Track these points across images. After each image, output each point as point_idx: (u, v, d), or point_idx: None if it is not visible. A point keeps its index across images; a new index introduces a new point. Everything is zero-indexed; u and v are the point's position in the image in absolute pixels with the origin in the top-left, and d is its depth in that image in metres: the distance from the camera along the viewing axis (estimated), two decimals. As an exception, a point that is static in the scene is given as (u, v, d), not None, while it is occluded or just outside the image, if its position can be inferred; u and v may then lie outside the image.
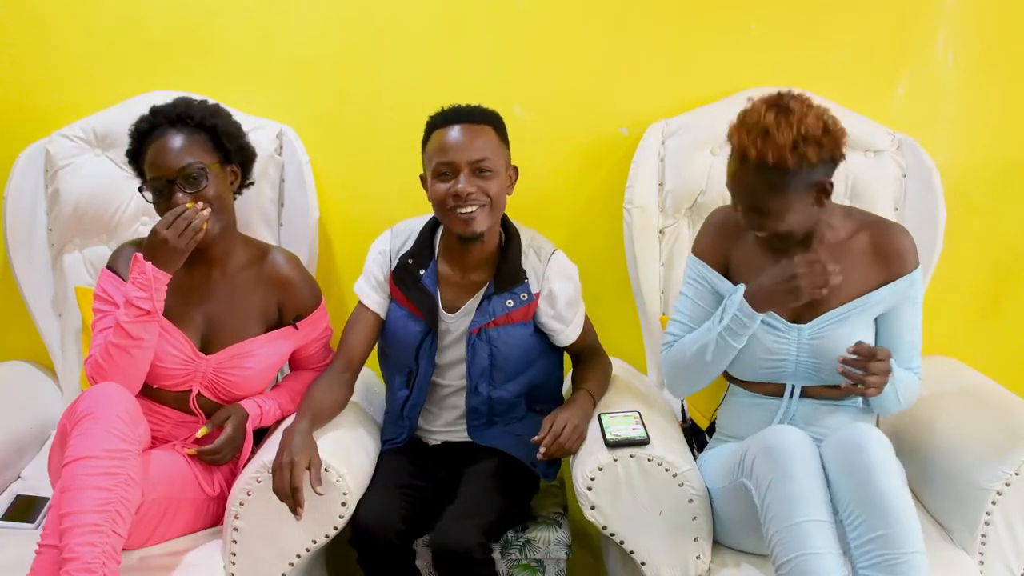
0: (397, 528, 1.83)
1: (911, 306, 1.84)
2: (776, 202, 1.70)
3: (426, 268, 1.99)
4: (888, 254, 1.82)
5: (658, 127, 2.28)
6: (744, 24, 2.30)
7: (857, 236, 1.84)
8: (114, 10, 2.33)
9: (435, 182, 1.92)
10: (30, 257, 2.32)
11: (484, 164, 1.90)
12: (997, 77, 2.31)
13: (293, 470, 1.72)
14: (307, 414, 1.85)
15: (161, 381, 1.92)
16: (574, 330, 2.05)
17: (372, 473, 1.95)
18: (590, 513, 1.79)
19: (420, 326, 1.99)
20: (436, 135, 1.93)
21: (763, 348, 1.84)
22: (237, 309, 1.97)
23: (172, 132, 1.90)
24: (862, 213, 1.91)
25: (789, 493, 1.60)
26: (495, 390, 2.01)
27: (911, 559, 1.54)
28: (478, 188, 1.89)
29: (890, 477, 1.60)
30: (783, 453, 1.64)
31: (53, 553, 1.60)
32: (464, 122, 1.92)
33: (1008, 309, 2.41)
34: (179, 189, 1.87)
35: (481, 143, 1.91)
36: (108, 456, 1.65)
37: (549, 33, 2.33)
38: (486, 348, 1.98)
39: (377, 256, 2.04)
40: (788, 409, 1.86)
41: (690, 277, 1.93)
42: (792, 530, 1.58)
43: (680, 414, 2.19)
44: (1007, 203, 2.35)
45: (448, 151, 1.90)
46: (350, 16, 2.33)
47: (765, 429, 1.73)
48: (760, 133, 1.66)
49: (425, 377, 2.01)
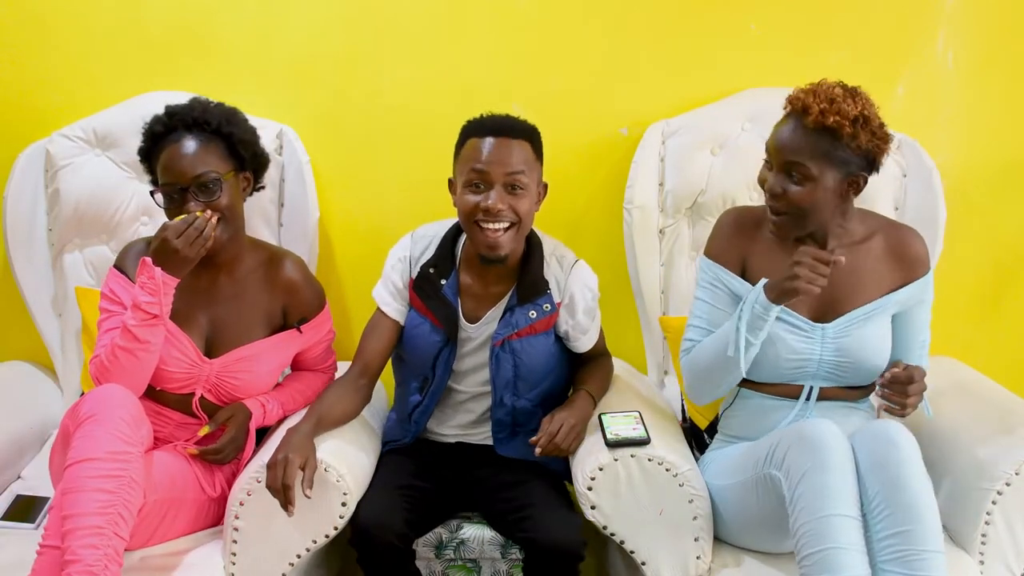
0: (398, 530, 1.82)
1: (924, 307, 1.90)
2: (816, 166, 1.75)
3: (447, 278, 1.96)
4: (905, 257, 1.88)
5: (658, 127, 2.29)
6: (744, 24, 2.30)
7: (873, 239, 1.88)
8: (114, 10, 2.33)
9: (465, 192, 1.88)
10: (30, 257, 2.32)
11: (518, 180, 1.86)
12: (997, 77, 2.31)
13: (286, 467, 1.71)
14: (312, 417, 1.84)
15: (165, 384, 1.92)
16: (591, 338, 2.05)
17: (372, 473, 1.95)
18: (590, 513, 1.79)
19: (439, 336, 1.97)
20: (472, 143, 1.89)
21: (788, 348, 1.84)
22: (242, 313, 1.97)
23: (188, 137, 1.86)
24: (875, 216, 1.94)
25: (822, 484, 1.61)
26: (519, 400, 2.00)
27: (931, 557, 1.55)
28: (509, 205, 1.86)
29: (919, 475, 1.61)
30: (821, 444, 1.64)
31: (54, 554, 1.60)
32: (503, 135, 1.88)
33: (1008, 309, 2.42)
34: (192, 197, 1.84)
35: (518, 158, 1.87)
36: (111, 458, 1.64)
37: (549, 33, 2.33)
38: (510, 360, 1.96)
39: (397, 263, 2.01)
40: (803, 410, 1.87)
41: (705, 280, 1.93)
42: (822, 522, 1.59)
43: (680, 414, 2.19)
44: (1007, 203, 2.36)
45: (484, 161, 1.86)
46: (350, 16, 2.33)
47: (799, 422, 1.74)
48: (827, 99, 1.74)
49: (440, 386, 2.00)
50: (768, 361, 1.85)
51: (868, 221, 1.91)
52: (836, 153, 1.74)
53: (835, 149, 1.74)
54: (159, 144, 1.88)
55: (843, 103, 1.73)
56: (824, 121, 1.72)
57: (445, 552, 1.99)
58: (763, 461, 1.72)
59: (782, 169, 1.78)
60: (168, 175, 1.86)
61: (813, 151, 1.75)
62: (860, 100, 1.76)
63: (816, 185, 1.76)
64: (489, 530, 1.98)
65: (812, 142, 1.74)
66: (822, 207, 1.78)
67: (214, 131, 1.89)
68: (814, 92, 1.77)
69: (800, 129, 1.76)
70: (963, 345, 2.38)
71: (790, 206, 1.78)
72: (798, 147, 1.76)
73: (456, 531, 1.99)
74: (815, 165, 1.75)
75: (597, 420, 1.87)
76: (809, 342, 1.84)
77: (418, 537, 1.93)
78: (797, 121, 1.77)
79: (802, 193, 1.77)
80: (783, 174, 1.78)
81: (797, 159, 1.76)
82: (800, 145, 1.75)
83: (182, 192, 1.85)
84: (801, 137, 1.75)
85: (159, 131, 1.88)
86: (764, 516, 1.74)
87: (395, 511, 1.84)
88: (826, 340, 1.84)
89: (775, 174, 1.79)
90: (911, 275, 1.87)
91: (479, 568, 2.01)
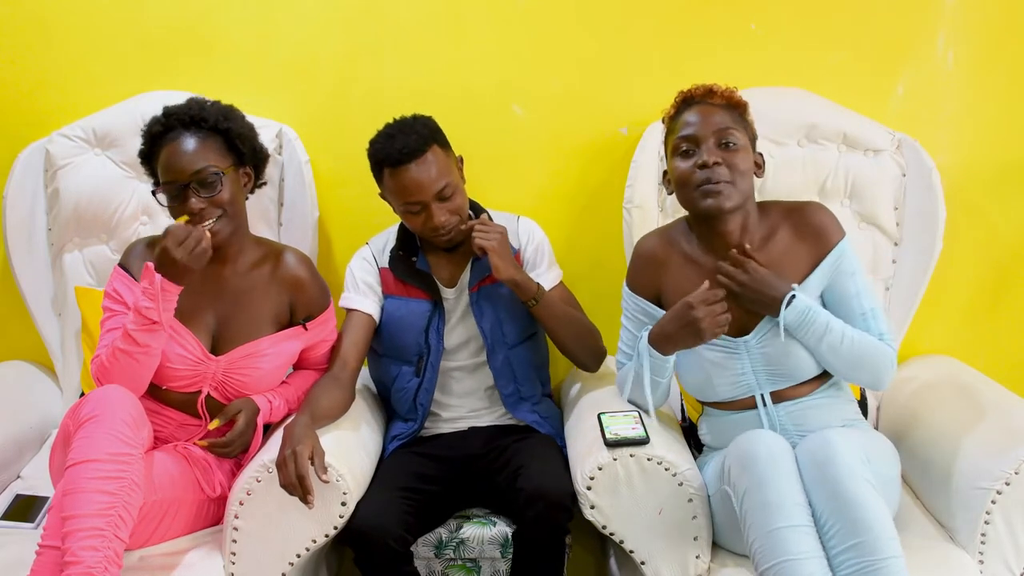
0: (395, 533, 1.83)
1: (848, 276, 1.84)
2: (741, 135, 1.82)
3: (416, 256, 2.11)
4: (810, 234, 1.86)
5: (658, 127, 2.28)
6: (744, 24, 2.30)
7: (781, 228, 1.88)
8: (114, 10, 2.33)
9: (408, 217, 2.02)
10: (30, 257, 2.32)
11: (446, 192, 1.98)
12: (997, 77, 2.31)
13: (297, 460, 1.72)
14: (306, 411, 1.86)
15: (170, 382, 1.92)
16: (546, 281, 2.10)
17: (372, 472, 1.96)
18: (590, 513, 1.79)
19: (425, 305, 2.07)
20: (390, 175, 1.99)
21: (718, 370, 1.85)
22: (248, 309, 1.97)
23: (186, 135, 1.88)
24: (777, 204, 1.93)
25: (764, 500, 1.60)
26: (511, 349, 2.07)
27: (889, 564, 1.54)
28: (448, 213, 1.99)
29: (859, 485, 1.59)
30: (755, 460, 1.64)
31: (53, 554, 1.60)
32: (413, 158, 1.96)
33: (1008, 309, 2.41)
34: (193, 193, 1.85)
35: (436, 171, 1.98)
36: (112, 460, 1.65)
37: (549, 33, 2.33)
38: (490, 305, 2.07)
39: (361, 263, 2.14)
40: (768, 417, 1.87)
41: (627, 309, 1.98)
42: (770, 537, 1.58)
43: (680, 414, 2.19)
44: (1007, 203, 2.35)
45: (412, 192, 1.97)
46: (350, 16, 2.33)
47: (739, 435, 1.73)
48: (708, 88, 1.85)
49: (437, 356, 2.07)
50: (708, 384, 1.88)
51: (769, 213, 1.90)
52: (746, 126, 1.85)
53: (744, 123, 1.85)
54: (158, 144, 1.89)
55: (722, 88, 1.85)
56: (732, 98, 1.83)
57: (445, 552, 1.99)
58: (721, 476, 1.73)
59: (714, 141, 1.80)
60: (168, 173, 1.87)
61: (734, 121, 1.83)
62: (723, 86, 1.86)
63: (746, 152, 1.82)
64: (489, 530, 1.99)
65: (729, 115, 1.83)
66: (750, 179, 1.83)
67: (212, 127, 1.90)
68: (703, 86, 1.86)
69: (712, 107, 1.83)
70: (963, 345, 2.38)
71: (732, 172, 1.80)
72: (721, 120, 1.82)
73: (456, 531, 2.00)
74: (740, 134, 1.82)
75: (597, 420, 1.86)
76: (737, 358, 1.85)
77: (418, 537, 1.93)
78: (704, 104, 1.84)
79: (739, 158, 1.80)
80: (715, 148, 1.80)
81: (726, 126, 1.81)
82: (722, 117, 1.82)
83: (183, 189, 1.85)
84: (718, 112, 1.82)
85: (158, 131, 1.89)
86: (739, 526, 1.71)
87: (393, 513, 1.85)
88: (752, 352, 1.84)
89: (708, 148, 1.80)
90: (821, 250, 1.84)
91: (479, 568, 2.02)
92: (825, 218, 1.86)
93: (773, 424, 1.86)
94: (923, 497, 1.95)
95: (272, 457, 1.78)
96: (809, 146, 2.23)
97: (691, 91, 1.87)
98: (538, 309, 2.04)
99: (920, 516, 1.91)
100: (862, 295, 1.84)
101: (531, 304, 2.03)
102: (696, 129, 1.81)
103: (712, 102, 1.83)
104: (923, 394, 2.12)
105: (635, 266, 1.98)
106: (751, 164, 1.84)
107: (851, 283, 1.84)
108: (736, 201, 1.81)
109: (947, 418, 1.97)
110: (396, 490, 1.91)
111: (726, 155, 1.80)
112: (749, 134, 1.86)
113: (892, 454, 1.85)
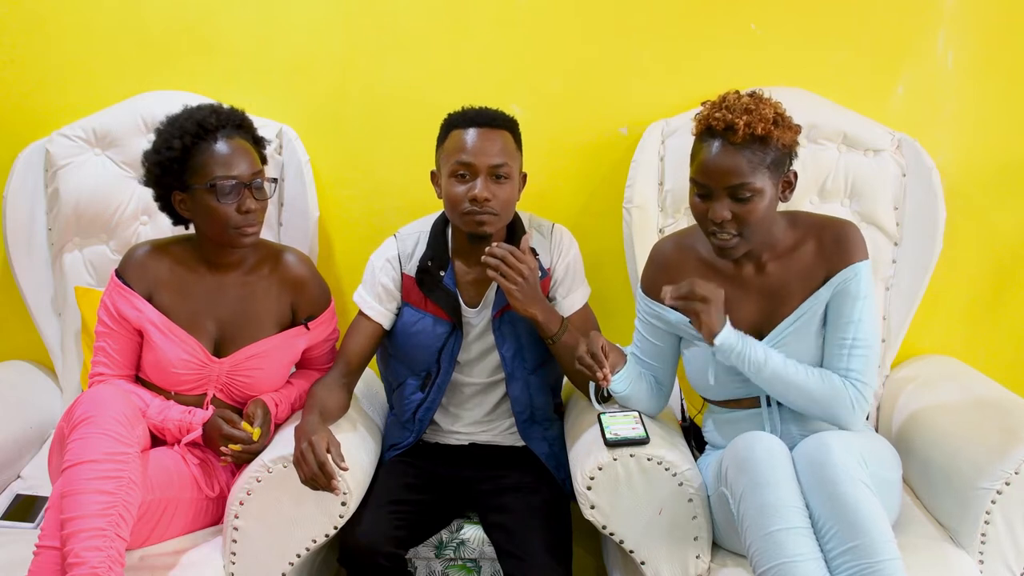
0: (386, 549, 1.84)
1: (851, 300, 1.78)
2: (758, 180, 1.71)
3: (445, 269, 2.00)
4: (831, 247, 1.81)
5: (658, 127, 2.29)
6: (744, 24, 2.30)
7: (807, 242, 1.83)
8: (114, 10, 2.33)
9: (452, 182, 1.92)
10: (30, 257, 2.32)
11: (502, 171, 1.91)
12: (997, 77, 2.31)
13: (315, 449, 1.73)
14: (314, 410, 1.86)
15: (177, 386, 1.93)
16: (571, 302, 2.04)
17: (373, 473, 1.96)
18: (589, 513, 1.79)
19: (444, 327, 1.99)
20: (455, 135, 1.94)
21: (726, 372, 1.84)
22: (250, 311, 1.97)
23: (236, 137, 1.89)
24: (810, 216, 1.89)
25: (761, 503, 1.61)
26: (531, 375, 2.02)
27: (886, 566, 1.54)
28: (494, 194, 1.90)
29: (856, 487, 1.59)
30: (752, 462, 1.64)
31: (51, 554, 1.60)
32: (485, 125, 1.93)
33: (1008, 309, 2.41)
34: (250, 195, 1.87)
35: (500, 148, 1.92)
36: (108, 459, 1.65)
37: (549, 33, 2.33)
38: (512, 330, 1.99)
39: (385, 264, 2.03)
40: (772, 417, 1.86)
41: (641, 312, 1.95)
42: (768, 539, 1.58)
43: (680, 414, 2.19)
44: (1007, 203, 2.35)
45: (468, 153, 1.91)
46: (350, 16, 2.33)
47: (737, 437, 1.72)
48: (744, 111, 1.71)
49: (446, 379, 2.01)
50: (715, 383, 1.86)
51: (799, 226, 1.86)
52: (768, 159, 1.72)
53: (767, 156, 1.71)
54: (207, 138, 1.86)
55: (759, 109, 1.71)
56: (754, 132, 1.69)
57: (445, 552, 2.00)
58: (719, 478, 1.72)
59: (726, 195, 1.73)
60: (228, 168, 1.85)
61: (751, 166, 1.71)
62: (767, 101, 1.74)
63: (762, 196, 1.72)
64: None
65: (747, 157, 1.70)
66: (769, 216, 1.77)
67: (253, 137, 1.94)
68: (727, 108, 1.72)
69: (730, 148, 1.71)
70: (963, 345, 2.39)
71: (742, 226, 1.74)
72: (736, 167, 1.70)
73: (456, 531, 2.00)
74: (757, 179, 1.71)
75: (597, 420, 1.86)
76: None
77: (413, 547, 1.95)
78: (723, 141, 1.71)
79: (751, 209, 1.73)
80: (727, 199, 1.73)
81: (740, 180, 1.71)
82: (738, 165, 1.70)
83: (241, 187, 1.86)
84: (735, 156, 1.70)
85: (211, 125, 1.87)
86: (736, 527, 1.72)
87: (384, 530, 1.85)
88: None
89: (718, 202, 1.74)
90: (836, 265, 1.79)
91: (479, 568, 2.02)
92: (851, 233, 1.81)
93: (776, 423, 1.86)
94: (923, 497, 1.95)
95: (273, 457, 1.78)
96: (809, 146, 2.23)
97: (711, 118, 1.73)
98: (556, 348, 1.95)
99: (920, 516, 1.91)
100: (859, 325, 1.77)
101: (549, 343, 1.96)
102: (710, 179, 1.73)
103: (732, 141, 1.70)
104: (923, 394, 2.12)
105: (650, 270, 1.95)
106: (769, 203, 1.74)
107: (853, 308, 1.78)
108: (746, 248, 1.78)
109: (947, 418, 1.97)
110: (387, 504, 1.90)
111: (738, 208, 1.72)
112: (773, 159, 1.73)
113: (893, 457, 1.85)
